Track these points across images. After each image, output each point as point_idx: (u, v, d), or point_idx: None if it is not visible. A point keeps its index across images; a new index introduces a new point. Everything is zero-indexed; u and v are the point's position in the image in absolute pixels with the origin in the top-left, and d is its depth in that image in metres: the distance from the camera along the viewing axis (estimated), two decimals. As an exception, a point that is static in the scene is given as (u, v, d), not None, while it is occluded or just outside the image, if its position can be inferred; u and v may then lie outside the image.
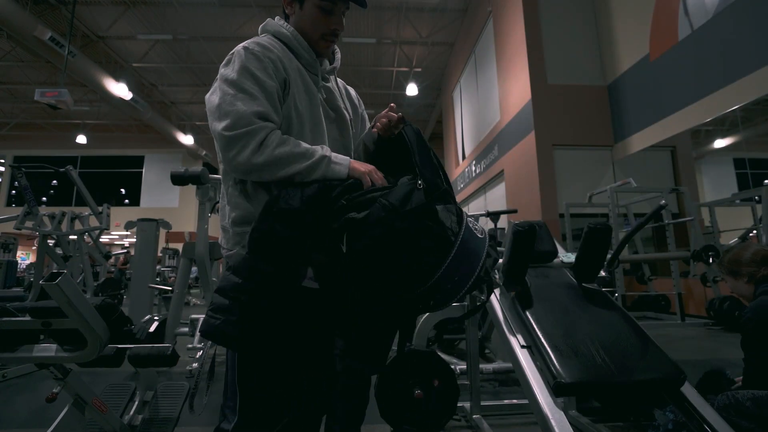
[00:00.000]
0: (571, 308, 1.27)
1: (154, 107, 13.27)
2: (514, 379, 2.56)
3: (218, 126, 0.79)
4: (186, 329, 2.90)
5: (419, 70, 11.88)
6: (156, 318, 2.63)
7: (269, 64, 0.86)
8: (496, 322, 1.32)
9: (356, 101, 1.16)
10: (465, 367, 2.19)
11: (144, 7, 9.25)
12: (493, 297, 1.41)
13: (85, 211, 6.03)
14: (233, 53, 0.87)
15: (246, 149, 0.77)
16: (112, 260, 8.68)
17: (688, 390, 1.09)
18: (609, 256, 1.46)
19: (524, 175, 6.51)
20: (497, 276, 1.52)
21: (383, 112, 0.94)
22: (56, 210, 5.43)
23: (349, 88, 1.20)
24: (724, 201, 5.36)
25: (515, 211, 3.89)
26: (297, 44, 0.94)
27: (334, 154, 0.84)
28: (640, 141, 5.70)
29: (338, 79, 1.15)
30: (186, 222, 15.80)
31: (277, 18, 0.99)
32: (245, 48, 0.86)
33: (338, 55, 1.09)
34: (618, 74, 6.15)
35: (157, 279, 8.25)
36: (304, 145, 0.82)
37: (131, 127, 15.92)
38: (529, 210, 6.23)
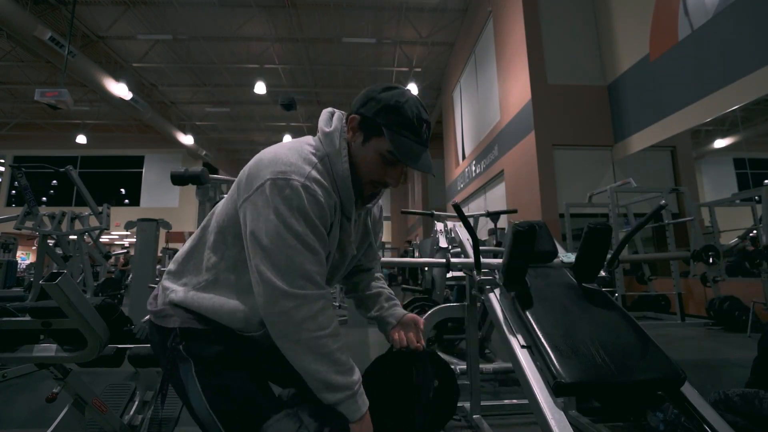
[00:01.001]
0: (571, 308, 1.27)
1: (154, 107, 13.27)
2: (514, 379, 2.56)
3: (273, 273, 0.73)
4: (186, 329, 2.89)
5: (419, 70, 11.88)
6: (156, 318, 2.64)
7: (327, 213, 0.79)
8: (496, 322, 1.32)
9: (371, 226, 1.04)
10: (465, 367, 2.19)
11: (144, 7, 9.25)
12: (493, 297, 1.41)
13: (85, 211, 6.02)
14: (290, 184, 0.75)
15: (299, 311, 0.74)
16: (112, 260, 8.68)
17: (688, 390, 1.09)
18: (609, 256, 1.46)
19: (524, 175, 6.51)
20: (497, 276, 1.52)
21: (412, 333, 0.97)
22: (56, 210, 5.42)
23: (375, 209, 1.06)
24: (724, 201, 5.36)
25: (515, 211, 3.89)
26: (347, 188, 0.84)
27: (362, 394, 0.80)
28: (640, 141, 5.70)
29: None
30: (186, 222, 15.81)
31: (338, 133, 0.85)
32: (305, 188, 0.76)
33: (381, 201, 1.01)
34: (618, 74, 6.15)
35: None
36: (347, 358, 0.79)
37: (131, 127, 15.92)
38: (529, 210, 6.24)
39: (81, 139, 13.80)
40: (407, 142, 0.81)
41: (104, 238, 12.64)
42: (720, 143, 10.00)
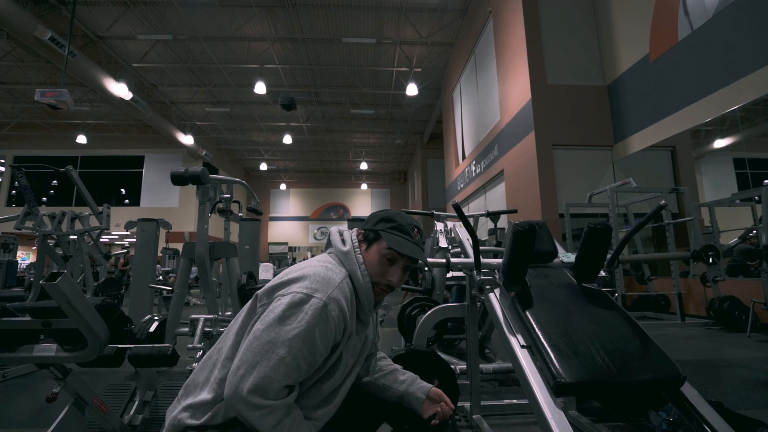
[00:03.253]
0: (571, 308, 1.27)
1: (154, 107, 13.27)
2: (514, 379, 2.56)
3: (249, 375, 0.77)
4: (186, 329, 2.90)
5: (419, 70, 11.88)
6: (156, 318, 2.64)
7: (338, 332, 0.86)
8: (496, 322, 1.31)
9: (377, 321, 1.17)
10: (465, 367, 2.19)
11: (144, 7, 9.25)
12: (493, 297, 1.41)
13: (85, 211, 6.02)
14: (311, 303, 0.82)
15: (264, 420, 0.78)
16: (112, 260, 8.68)
17: (688, 390, 1.09)
18: (609, 256, 1.46)
19: (524, 175, 6.51)
20: (497, 276, 1.52)
21: (444, 406, 1.03)
22: (56, 210, 5.43)
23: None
24: (724, 201, 5.36)
25: (515, 211, 3.89)
26: (369, 297, 0.96)
27: None
28: (640, 141, 5.70)
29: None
30: (186, 222, 15.81)
31: (354, 251, 0.98)
32: (324, 307, 0.83)
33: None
34: (618, 74, 6.15)
35: (158, 278, 8.26)
36: None
37: (131, 127, 15.93)
38: (529, 210, 6.24)
39: (81, 139, 13.80)
40: (399, 239, 0.98)
41: (104, 238, 12.65)
42: (720, 143, 10.00)
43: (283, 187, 23.13)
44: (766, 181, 4.39)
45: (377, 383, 1.11)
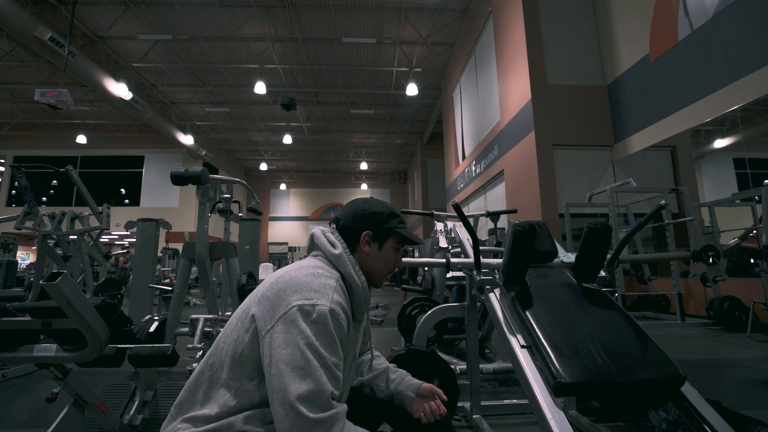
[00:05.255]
0: (571, 308, 1.27)
1: (154, 107, 13.27)
2: (514, 379, 2.56)
3: (300, 401, 0.74)
4: (186, 329, 2.90)
5: (419, 70, 11.88)
6: (156, 318, 2.64)
7: (346, 332, 0.87)
8: (496, 322, 1.31)
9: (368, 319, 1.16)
10: (465, 367, 2.19)
11: (144, 7, 9.25)
12: (493, 297, 1.41)
13: (85, 211, 6.03)
14: (318, 311, 0.80)
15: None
16: (112, 260, 8.68)
17: (688, 390, 1.09)
18: (609, 256, 1.46)
19: (524, 175, 6.51)
20: (497, 276, 1.52)
21: (433, 404, 1.02)
22: (56, 210, 5.43)
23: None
24: (724, 201, 5.36)
25: (515, 211, 3.89)
26: (365, 296, 0.97)
27: None
28: (640, 141, 5.70)
29: None
30: (186, 222, 15.81)
31: (346, 252, 0.97)
32: (332, 312, 0.82)
33: None
34: (618, 74, 6.15)
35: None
36: None
37: (131, 127, 15.93)
38: (529, 210, 6.24)
39: (81, 139, 13.80)
40: (408, 231, 1.05)
41: (104, 238, 12.64)
42: (720, 143, 10.00)
43: (283, 187, 23.13)
44: (766, 181, 4.39)
45: (371, 384, 1.11)
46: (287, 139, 15.26)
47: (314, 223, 23.47)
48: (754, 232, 4.73)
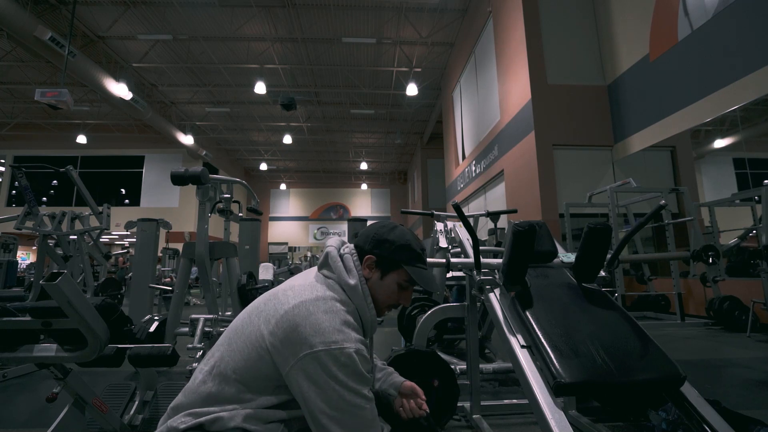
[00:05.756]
0: (571, 308, 1.27)
1: (154, 107, 13.27)
2: (514, 379, 2.56)
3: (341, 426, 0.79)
4: (186, 329, 2.90)
5: (419, 70, 11.88)
6: (156, 318, 2.64)
7: (368, 359, 0.88)
8: (496, 322, 1.31)
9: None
10: (465, 367, 2.19)
11: (144, 7, 9.25)
12: (493, 297, 1.41)
13: (85, 211, 6.03)
14: (345, 353, 0.81)
15: None
16: (112, 260, 8.68)
17: (688, 390, 1.09)
18: (609, 256, 1.46)
19: (524, 175, 6.51)
20: (497, 276, 1.52)
21: (413, 402, 1.02)
22: (56, 210, 5.42)
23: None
24: (724, 201, 5.36)
25: (515, 211, 3.89)
26: (370, 328, 0.96)
27: None
28: (640, 141, 5.70)
29: None
30: (186, 222, 15.81)
31: (361, 284, 0.95)
32: (358, 352, 0.83)
33: None
34: (618, 74, 6.15)
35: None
36: None
37: (131, 127, 15.93)
38: (529, 210, 6.24)
39: (81, 139, 13.81)
40: (421, 271, 0.99)
41: (104, 238, 12.64)
42: (720, 143, 10.01)
43: (283, 187, 23.13)
44: (766, 181, 4.39)
45: None
46: (287, 139, 15.26)
47: (314, 223, 23.49)
48: (754, 232, 4.74)
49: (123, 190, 17.11)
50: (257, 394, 0.83)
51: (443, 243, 3.03)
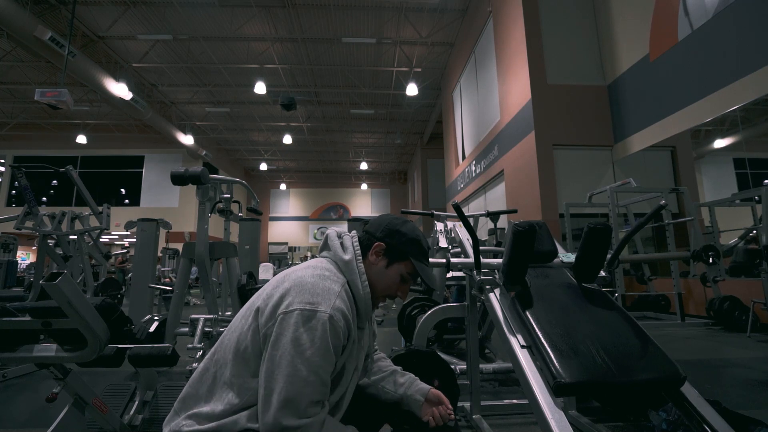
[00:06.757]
0: (571, 308, 1.27)
1: (154, 107, 13.28)
2: (514, 379, 2.56)
3: (280, 403, 0.76)
4: (186, 329, 2.90)
5: (419, 70, 11.88)
6: (156, 318, 2.64)
7: (341, 341, 0.85)
8: (496, 322, 1.31)
9: (374, 323, 1.17)
10: (465, 367, 2.19)
11: (144, 7, 9.25)
12: (493, 297, 1.41)
13: (85, 211, 6.03)
14: (318, 317, 0.81)
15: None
16: (111, 260, 8.68)
17: (688, 390, 1.09)
18: (609, 256, 1.46)
19: (524, 175, 6.51)
20: (497, 276, 1.52)
21: (442, 409, 1.03)
22: (56, 210, 5.43)
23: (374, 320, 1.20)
24: (724, 201, 5.36)
25: (515, 211, 3.89)
26: (367, 306, 0.96)
27: None
28: (640, 141, 5.70)
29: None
30: (186, 222, 15.81)
31: (356, 260, 0.97)
32: (331, 319, 0.82)
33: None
34: (618, 74, 6.15)
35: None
36: None
37: (131, 127, 15.93)
38: (529, 210, 6.24)
39: (81, 139, 13.80)
40: (425, 267, 1.02)
41: (104, 238, 12.64)
42: (720, 143, 10.00)
43: (283, 187, 23.13)
44: (766, 181, 4.39)
45: (377, 386, 1.11)
46: (287, 139, 15.26)
47: (314, 223, 23.48)
48: (754, 232, 4.74)
49: (123, 190, 17.11)
50: (256, 393, 0.82)
51: (443, 243, 3.03)
